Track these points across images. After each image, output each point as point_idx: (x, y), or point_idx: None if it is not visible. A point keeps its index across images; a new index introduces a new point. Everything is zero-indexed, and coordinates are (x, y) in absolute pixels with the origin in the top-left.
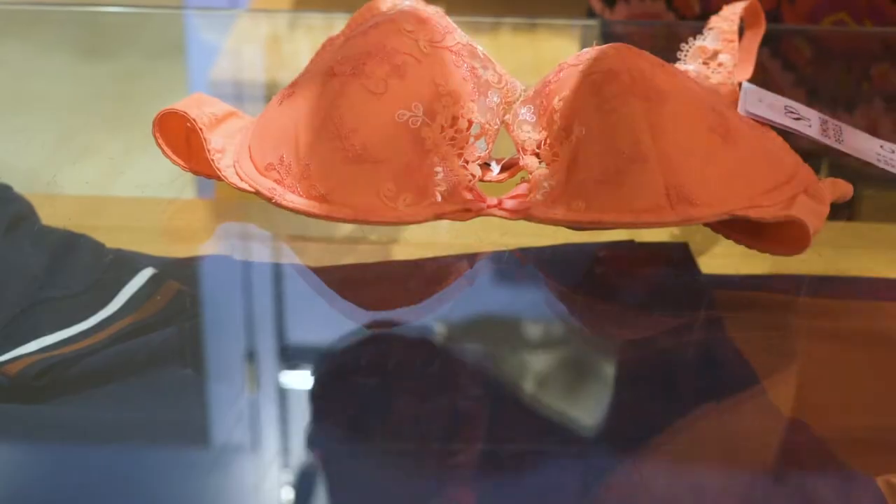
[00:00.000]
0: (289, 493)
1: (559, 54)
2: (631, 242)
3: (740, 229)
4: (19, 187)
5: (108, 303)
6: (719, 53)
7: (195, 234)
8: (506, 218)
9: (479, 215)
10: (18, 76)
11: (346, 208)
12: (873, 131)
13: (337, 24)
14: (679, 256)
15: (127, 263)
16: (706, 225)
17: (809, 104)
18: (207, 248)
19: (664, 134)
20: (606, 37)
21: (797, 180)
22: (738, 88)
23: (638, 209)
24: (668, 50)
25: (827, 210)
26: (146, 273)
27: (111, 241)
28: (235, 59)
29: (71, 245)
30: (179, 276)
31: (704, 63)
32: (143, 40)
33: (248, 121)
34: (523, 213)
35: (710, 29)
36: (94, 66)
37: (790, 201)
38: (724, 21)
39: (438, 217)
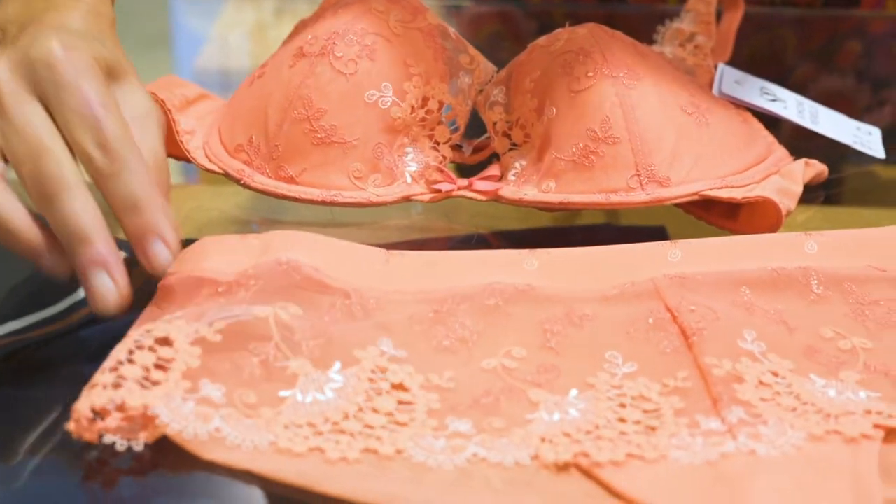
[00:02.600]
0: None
1: None
2: (607, 225)
3: (714, 211)
4: None
5: (78, 287)
6: (696, 35)
7: None
8: (477, 200)
9: (449, 197)
10: None
11: (314, 190)
12: None
13: None
14: (656, 240)
15: None
16: (679, 206)
17: None
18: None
19: (636, 114)
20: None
21: (770, 161)
22: (714, 70)
23: (609, 190)
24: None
25: (800, 191)
26: None
27: None
28: (221, 47)
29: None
30: None
31: (681, 45)
32: (130, 28)
33: (220, 103)
34: (493, 195)
35: (687, 11)
36: None
37: (762, 182)
38: (702, 3)
39: (408, 198)
